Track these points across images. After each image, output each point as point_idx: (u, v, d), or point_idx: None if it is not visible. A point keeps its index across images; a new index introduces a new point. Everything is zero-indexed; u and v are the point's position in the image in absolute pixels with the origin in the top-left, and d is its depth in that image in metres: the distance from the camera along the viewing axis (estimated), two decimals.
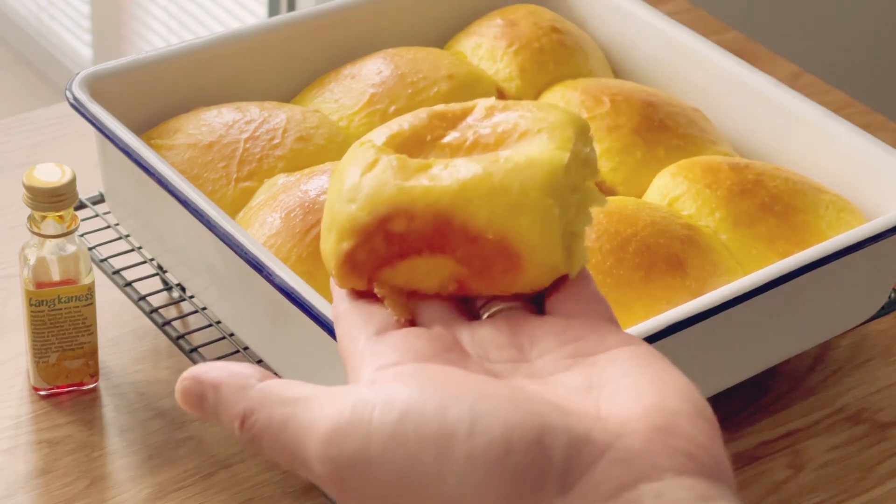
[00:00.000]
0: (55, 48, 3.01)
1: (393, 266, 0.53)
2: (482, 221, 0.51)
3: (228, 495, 0.94)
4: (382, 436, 0.46)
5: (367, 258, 0.53)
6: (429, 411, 0.46)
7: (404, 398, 0.47)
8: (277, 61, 1.10)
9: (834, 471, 0.99)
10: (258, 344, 0.94)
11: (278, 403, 0.50)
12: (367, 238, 0.53)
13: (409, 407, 0.47)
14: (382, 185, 0.53)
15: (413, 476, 0.46)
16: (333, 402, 0.48)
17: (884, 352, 1.08)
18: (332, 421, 0.48)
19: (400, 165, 0.53)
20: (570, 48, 1.14)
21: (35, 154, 1.21)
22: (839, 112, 1.28)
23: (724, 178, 1.00)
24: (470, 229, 0.51)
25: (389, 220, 0.52)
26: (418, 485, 0.46)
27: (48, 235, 0.94)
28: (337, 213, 0.53)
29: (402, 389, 0.47)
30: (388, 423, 0.47)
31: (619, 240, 0.93)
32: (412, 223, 0.52)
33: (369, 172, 0.53)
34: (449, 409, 0.46)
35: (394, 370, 0.49)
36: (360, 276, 0.53)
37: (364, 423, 0.47)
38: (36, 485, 0.94)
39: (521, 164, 0.52)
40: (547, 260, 0.52)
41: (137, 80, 1.04)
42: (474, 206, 0.51)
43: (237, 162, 1.00)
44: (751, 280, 0.88)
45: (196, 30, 2.74)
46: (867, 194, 1.02)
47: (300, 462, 0.49)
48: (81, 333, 0.97)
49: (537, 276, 0.52)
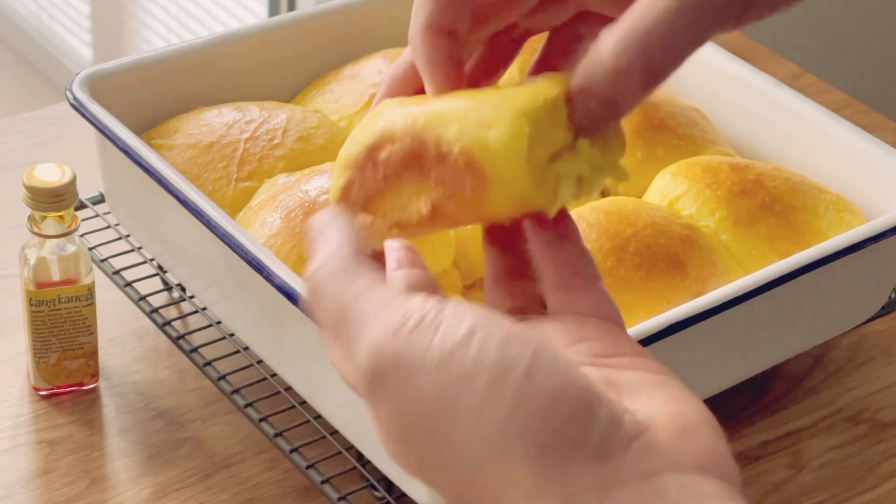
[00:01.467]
0: (55, 48, 3.01)
1: (381, 197, 0.53)
2: (452, 136, 0.51)
3: (228, 495, 0.94)
4: (441, 349, 0.47)
5: (359, 190, 0.54)
6: (494, 339, 0.46)
7: (473, 319, 0.47)
8: (277, 61, 1.10)
9: (834, 471, 0.99)
10: (258, 344, 0.94)
11: (364, 272, 0.50)
12: (358, 170, 0.53)
13: (477, 329, 0.47)
14: (374, 120, 0.54)
15: (456, 398, 0.46)
16: (406, 302, 0.48)
17: (884, 352, 1.08)
18: (399, 318, 0.48)
19: (398, 102, 0.54)
20: None
21: (35, 154, 1.21)
22: (839, 112, 1.28)
23: (724, 178, 1.00)
24: (441, 145, 0.51)
25: (376, 149, 0.53)
26: (457, 409, 0.46)
27: (48, 235, 0.94)
28: (338, 157, 0.55)
29: (473, 311, 0.47)
30: (451, 337, 0.47)
31: (620, 240, 0.93)
32: (393, 147, 0.52)
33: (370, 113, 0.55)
34: (513, 343, 0.46)
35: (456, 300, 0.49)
36: (353, 212, 0.54)
37: (429, 329, 0.47)
38: (36, 485, 0.94)
39: (507, 93, 0.52)
40: (514, 181, 0.50)
41: (137, 80, 1.04)
42: (447, 124, 0.51)
43: (237, 162, 1.00)
44: (751, 280, 0.88)
45: (196, 30, 2.74)
46: (867, 194, 1.02)
47: (346, 339, 0.49)
48: (81, 333, 0.97)
49: (505, 200, 0.51)
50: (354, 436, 0.89)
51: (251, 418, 0.95)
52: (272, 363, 0.94)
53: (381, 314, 0.49)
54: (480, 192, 0.51)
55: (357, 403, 0.87)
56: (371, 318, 0.49)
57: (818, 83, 1.38)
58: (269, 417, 0.95)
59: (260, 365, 0.99)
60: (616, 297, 0.90)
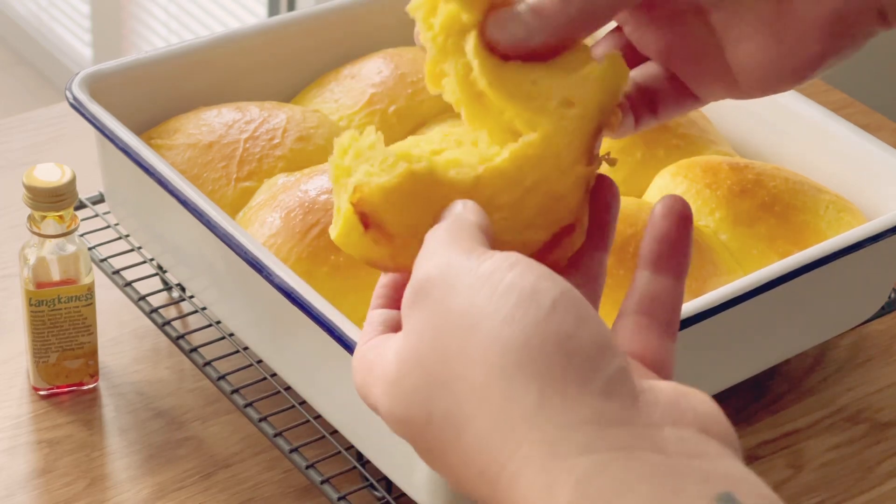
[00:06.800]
0: (55, 48, 3.01)
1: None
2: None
3: (228, 495, 0.94)
4: (481, 271, 0.50)
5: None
6: (531, 272, 0.49)
7: (519, 258, 0.50)
8: (277, 61, 1.10)
9: (834, 471, 0.99)
10: (258, 344, 0.94)
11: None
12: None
13: (519, 263, 0.50)
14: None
15: (480, 314, 0.49)
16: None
17: (884, 352, 1.08)
18: (464, 250, 0.51)
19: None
20: None
21: (35, 154, 1.21)
22: (839, 112, 1.28)
23: (723, 177, 1.00)
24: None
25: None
26: (478, 325, 0.49)
27: (48, 235, 0.94)
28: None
29: (522, 255, 0.51)
30: (494, 264, 0.50)
31: (619, 240, 0.93)
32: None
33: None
34: (544, 279, 0.49)
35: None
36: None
37: (480, 256, 0.50)
38: (36, 485, 0.94)
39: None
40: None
41: (137, 80, 1.04)
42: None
43: (237, 162, 1.00)
44: (751, 280, 0.88)
45: (196, 30, 2.74)
46: (867, 194, 1.02)
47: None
48: (81, 333, 0.97)
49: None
50: (354, 436, 0.89)
51: (251, 418, 0.95)
52: (272, 363, 0.94)
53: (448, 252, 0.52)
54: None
55: (357, 403, 0.87)
56: (440, 252, 0.52)
57: (818, 83, 1.38)
58: (268, 417, 0.95)
59: (259, 365, 0.99)
60: (617, 297, 0.90)
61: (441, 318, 0.50)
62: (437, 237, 0.53)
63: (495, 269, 0.50)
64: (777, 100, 1.08)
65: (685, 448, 0.46)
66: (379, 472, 0.92)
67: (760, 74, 0.59)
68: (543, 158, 0.55)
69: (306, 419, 0.95)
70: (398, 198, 0.54)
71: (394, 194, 0.54)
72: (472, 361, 0.48)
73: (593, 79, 0.57)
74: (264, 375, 0.98)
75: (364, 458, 0.92)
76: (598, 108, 0.57)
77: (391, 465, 0.87)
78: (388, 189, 0.54)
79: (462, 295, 0.49)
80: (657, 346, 0.55)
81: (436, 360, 0.50)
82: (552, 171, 0.56)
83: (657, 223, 0.56)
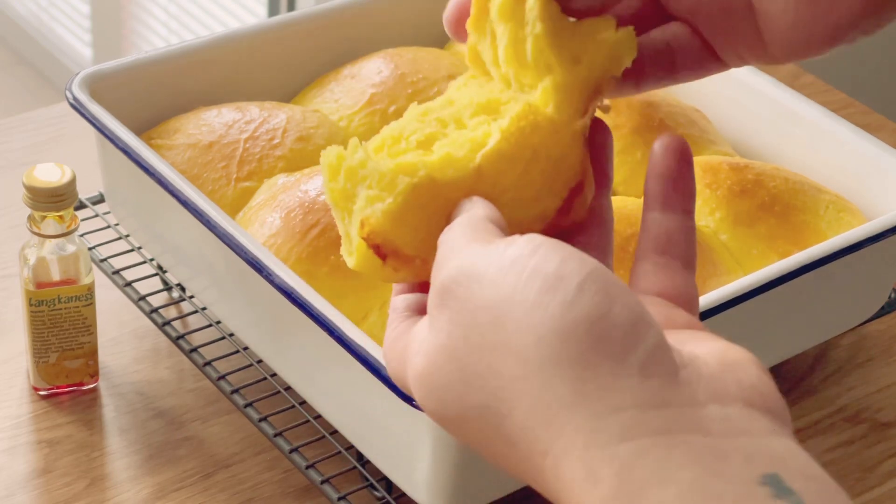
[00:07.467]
0: (55, 48, 3.01)
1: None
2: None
3: (228, 495, 0.94)
4: (504, 260, 0.49)
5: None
6: (555, 254, 0.48)
7: (543, 239, 0.49)
8: (277, 61, 1.10)
9: (834, 471, 0.99)
10: (258, 344, 0.94)
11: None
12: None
13: (541, 246, 0.49)
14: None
15: (508, 304, 0.48)
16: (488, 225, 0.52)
17: (884, 352, 1.08)
18: (482, 243, 0.50)
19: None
20: None
21: (35, 154, 1.21)
22: (839, 112, 1.28)
23: (724, 178, 1.00)
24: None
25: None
26: (507, 315, 0.48)
27: (48, 235, 0.94)
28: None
29: (540, 237, 0.50)
30: (517, 251, 0.49)
31: (619, 240, 0.93)
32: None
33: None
34: (572, 259, 0.48)
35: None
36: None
37: (500, 244, 0.50)
38: (36, 485, 0.94)
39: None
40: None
41: (137, 80, 1.04)
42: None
43: (237, 162, 1.00)
44: (751, 280, 0.88)
45: (196, 30, 2.74)
46: (867, 194, 1.02)
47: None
48: (81, 333, 0.97)
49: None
50: (354, 436, 0.89)
51: (251, 418, 0.95)
52: (272, 363, 0.94)
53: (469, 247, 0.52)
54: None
55: (356, 403, 0.87)
56: (457, 252, 0.51)
57: (818, 83, 1.38)
58: (268, 417, 0.95)
59: (259, 365, 0.99)
60: None
61: (469, 315, 0.49)
62: (451, 240, 0.52)
63: (518, 256, 0.48)
64: (777, 100, 1.08)
65: (729, 426, 0.45)
66: (379, 472, 0.92)
67: (792, 35, 0.56)
68: (537, 125, 0.55)
69: (306, 419, 0.95)
70: (406, 217, 0.54)
71: (401, 216, 0.54)
72: (506, 353, 0.47)
73: (607, 45, 0.57)
74: (264, 375, 0.98)
75: (364, 458, 0.92)
76: (601, 71, 0.57)
77: (391, 465, 0.87)
78: (395, 213, 0.54)
79: (487, 287, 0.48)
80: (681, 283, 0.54)
81: (467, 354, 0.49)
82: (549, 136, 0.55)
83: (658, 161, 0.55)
